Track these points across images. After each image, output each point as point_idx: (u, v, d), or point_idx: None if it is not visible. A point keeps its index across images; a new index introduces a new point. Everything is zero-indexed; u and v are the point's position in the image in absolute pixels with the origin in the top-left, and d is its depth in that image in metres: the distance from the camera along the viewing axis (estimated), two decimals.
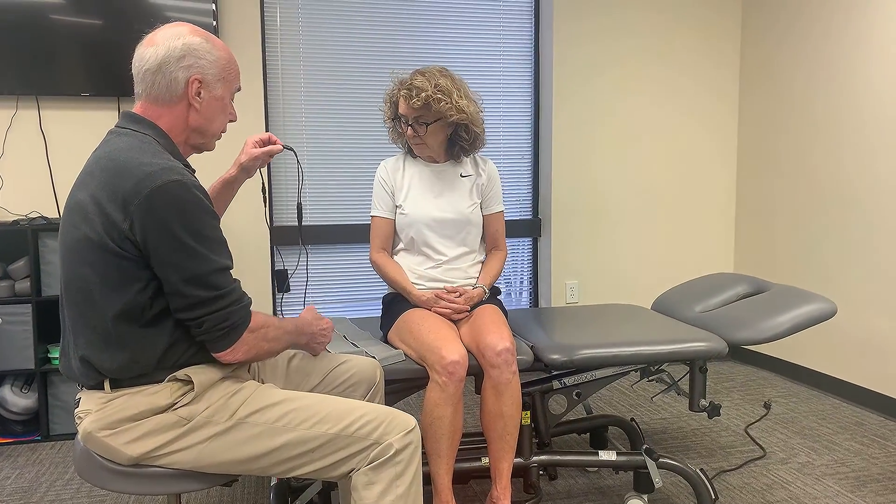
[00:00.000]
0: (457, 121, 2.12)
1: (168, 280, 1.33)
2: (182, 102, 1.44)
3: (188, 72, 1.42)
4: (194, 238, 1.32)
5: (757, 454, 2.68)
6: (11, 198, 3.11)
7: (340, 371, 1.74)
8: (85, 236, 1.32)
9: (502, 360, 1.91)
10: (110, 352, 1.35)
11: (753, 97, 3.88)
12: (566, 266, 3.85)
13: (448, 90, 2.08)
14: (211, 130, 1.50)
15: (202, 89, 1.44)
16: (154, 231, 1.30)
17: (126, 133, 1.41)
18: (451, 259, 2.22)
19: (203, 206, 1.34)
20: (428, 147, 2.17)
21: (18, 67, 2.98)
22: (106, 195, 1.31)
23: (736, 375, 3.73)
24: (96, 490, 2.45)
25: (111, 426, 1.37)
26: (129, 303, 1.33)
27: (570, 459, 2.23)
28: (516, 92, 3.82)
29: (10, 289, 2.88)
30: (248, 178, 1.78)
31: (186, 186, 1.32)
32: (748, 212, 3.95)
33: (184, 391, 1.40)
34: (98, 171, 1.34)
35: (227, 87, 1.49)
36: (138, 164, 1.31)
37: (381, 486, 1.41)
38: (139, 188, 1.29)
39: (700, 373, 2.20)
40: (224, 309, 1.36)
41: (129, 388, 1.38)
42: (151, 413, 1.38)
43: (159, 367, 1.38)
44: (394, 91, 2.18)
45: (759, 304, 2.31)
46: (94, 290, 1.34)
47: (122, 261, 1.32)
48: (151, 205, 1.29)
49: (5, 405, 2.90)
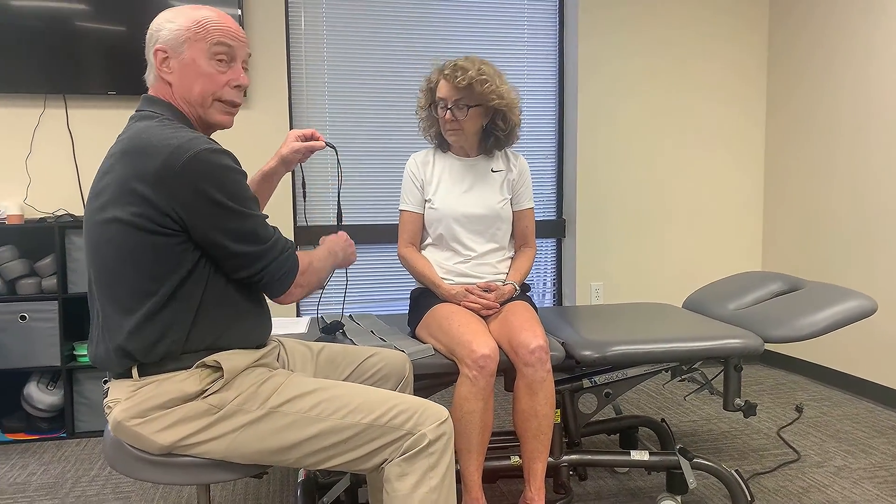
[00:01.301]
0: (497, 106, 2.10)
1: (218, 244, 1.35)
2: (159, 79, 1.45)
3: (152, 48, 1.44)
4: (234, 200, 1.34)
5: (791, 457, 2.61)
6: (39, 196, 3.13)
7: (370, 364, 1.72)
8: (115, 219, 1.32)
9: (536, 358, 1.87)
10: (138, 332, 1.34)
11: (782, 94, 3.82)
12: (591, 267, 3.80)
13: (490, 75, 2.08)
14: (193, 96, 1.43)
15: (169, 58, 1.43)
16: (195, 201, 1.30)
17: (145, 115, 1.42)
18: (480, 255, 2.18)
19: (233, 167, 1.36)
20: (464, 133, 2.14)
21: (46, 68, 3.00)
22: (135, 175, 1.30)
23: (765, 379, 3.66)
24: (122, 486, 2.44)
25: (141, 415, 1.36)
26: (162, 278, 1.33)
27: (602, 459, 2.18)
28: (540, 91, 3.79)
29: (36, 286, 2.89)
30: (287, 171, 1.78)
31: (215, 152, 1.33)
32: (776, 211, 3.88)
33: (213, 378, 1.38)
34: (122, 155, 1.34)
35: (197, 46, 1.42)
36: (163, 140, 1.31)
37: (415, 477, 1.38)
38: (171, 162, 1.29)
39: (735, 371, 2.15)
40: (278, 258, 1.42)
41: (157, 374, 1.37)
42: (181, 401, 1.36)
43: (187, 350, 1.37)
44: (433, 76, 2.16)
45: (795, 301, 2.25)
46: (124, 270, 1.33)
47: (157, 237, 1.31)
48: (187, 176, 1.29)
49: (32, 402, 2.90)
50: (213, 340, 1.40)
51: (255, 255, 1.38)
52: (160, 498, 2.36)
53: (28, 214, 3.09)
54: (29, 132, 3.10)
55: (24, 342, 2.85)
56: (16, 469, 2.62)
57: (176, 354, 1.37)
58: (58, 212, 3.11)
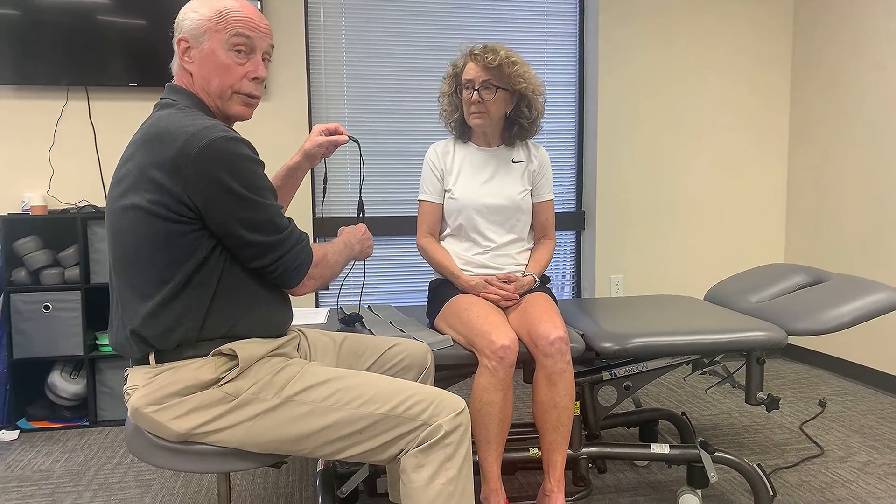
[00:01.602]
0: (523, 91, 2.09)
1: (233, 233, 1.35)
2: (182, 69, 1.46)
3: (176, 38, 1.45)
4: (249, 189, 1.34)
5: (814, 452, 2.58)
6: (61, 187, 3.16)
7: (392, 354, 1.71)
8: (133, 205, 1.33)
9: (556, 350, 1.85)
10: (154, 318, 1.35)
11: (806, 82, 3.75)
12: (611, 260, 3.77)
13: (518, 60, 2.09)
14: (212, 88, 1.44)
15: (191, 48, 1.43)
16: (209, 189, 1.31)
17: (168, 104, 1.43)
18: (500, 246, 2.17)
19: (249, 156, 1.35)
20: (489, 117, 2.12)
21: (69, 60, 3.02)
22: (152, 163, 1.31)
23: (787, 373, 3.62)
24: (143, 474, 2.47)
25: (158, 401, 1.37)
26: (178, 265, 1.34)
27: (622, 452, 2.16)
28: (560, 81, 3.76)
29: (59, 276, 2.93)
30: (312, 166, 1.79)
31: (232, 140, 1.33)
32: (800, 202, 3.82)
33: (228, 366, 1.38)
34: (142, 142, 1.35)
35: (218, 37, 1.41)
36: (180, 128, 1.32)
37: (431, 468, 1.37)
38: (186, 150, 1.29)
39: (758, 364, 2.12)
40: (292, 249, 1.42)
41: (173, 361, 1.38)
42: (197, 388, 1.37)
43: (203, 337, 1.38)
44: (460, 60, 2.15)
45: (819, 293, 2.22)
46: (142, 256, 1.34)
47: (173, 225, 1.32)
48: (202, 164, 1.30)
49: (55, 391, 2.94)
50: (229, 328, 1.40)
51: (270, 246, 1.39)
52: (181, 486, 2.38)
53: (51, 205, 3.13)
54: (52, 124, 3.13)
55: (48, 332, 2.89)
56: (40, 456, 2.65)
57: (192, 342, 1.38)
58: (80, 203, 3.14)
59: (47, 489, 2.37)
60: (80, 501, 2.27)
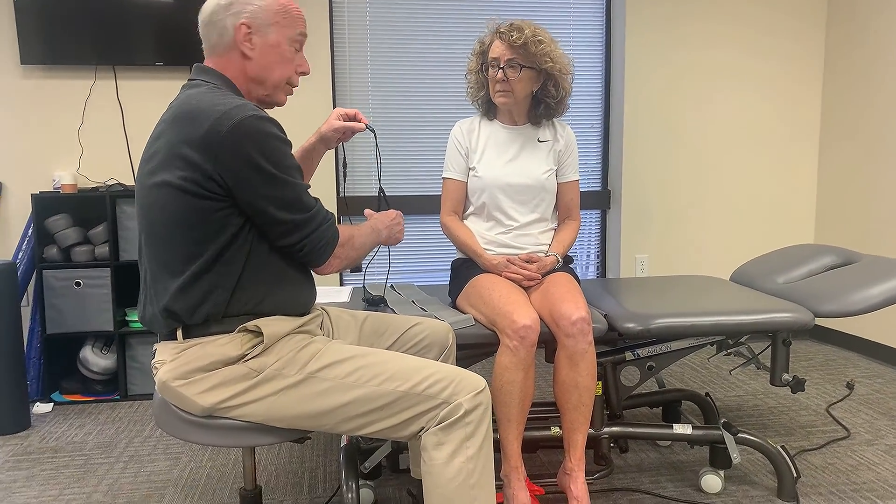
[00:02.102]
0: (549, 70, 2.06)
1: (262, 211, 1.37)
2: (235, 51, 1.45)
3: (236, 18, 1.44)
4: (277, 167, 1.36)
5: (840, 434, 2.55)
6: (91, 165, 3.21)
7: (413, 333, 1.73)
8: (164, 182, 1.35)
9: (578, 330, 1.85)
10: (183, 293, 1.37)
11: (839, 63, 3.66)
12: (636, 239, 3.74)
13: (545, 39, 2.06)
14: (271, 80, 1.48)
15: (253, 35, 1.45)
16: (239, 167, 1.33)
17: (196, 84, 1.45)
18: (523, 225, 2.16)
19: (279, 136, 1.38)
20: (514, 96, 2.10)
21: (96, 39, 3.05)
22: (183, 140, 1.33)
23: (815, 355, 3.57)
24: (172, 447, 2.53)
25: (184, 376, 1.40)
26: (207, 242, 1.36)
27: (644, 432, 2.16)
28: (586, 58, 3.71)
29: (90, 253, 2.98)
30: (327, 149, 1.80)
31: (262, 120, 1.35)
32: (832, 183, 3.75)
33: (253, 343, 1.41)
34: (172, 120, 1.37)
35: (283, 32, 1.47)
36: (211, 106, 1.34)
37: (452, 446, 1.38)
38: (217, 127, 1.31)
39: (783, 346, 2.09)
40: (318, 228, 1.44)
41: (200, 337, 1.40)
42: (222, 364, 1.39)
43: (229, 313, 1.40)
44: (486, 37, 2.13)
45: (848, 275, 2.18)
46: (172, 232, 1.36)
47: (203, 201, 1.34)
48: (232, 142, 1.31)
49: (87, 365, 3.01)
50: (255, 305, 1.42)
51: (297, 224, 1.40)
52: (209, 459, 2.43)
53: (81, 184, 3.18)
54: (80, 103, 3.17)
55: (79, 307, 2.95)
56: (73, 428, 2.73)
57: (218, 317, 1.40)
58: (109, 181, 3.18)
59: (80, 460, 2.43)
60: (112, 473, 2.34)
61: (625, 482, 2.21)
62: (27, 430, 2.71)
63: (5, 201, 3.15)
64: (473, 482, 1.39)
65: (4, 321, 2.62)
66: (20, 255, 3.02)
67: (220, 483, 2.26)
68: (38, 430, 2.71)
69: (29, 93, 3.13)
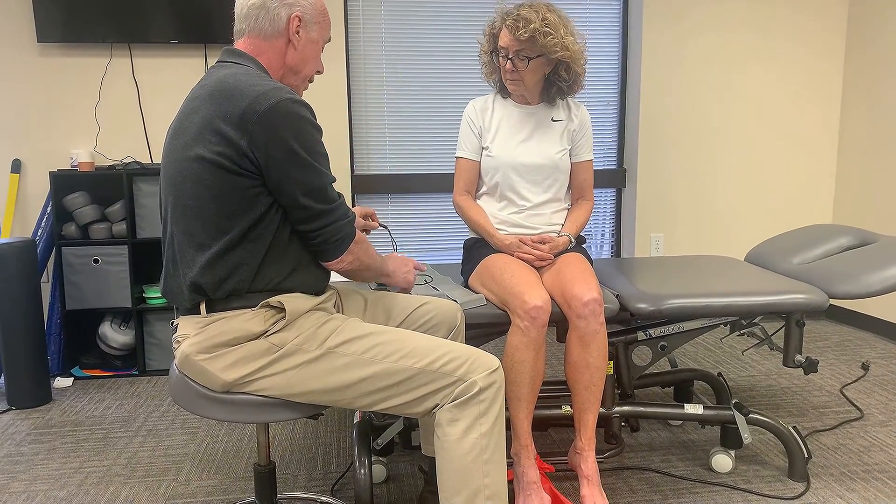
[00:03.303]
0: (559, 58, 2.03)
1: (287, 193, 1.40)
2: (282, 38, 1.51)
3: (290, 9, 1.50)
4: (308, 152, 1.40)
5: (853, 415, 2.55)
6: (107, 143, 3.24)
7: (422, 312, 1.74)
8: (197, 156, 1.37)
9: (589, 311, 1.85)
10: (210, 267, 1.40)
11: (860, 41, 3.59)
12: (651, 218, 3.72)
13: (555, 25, 2.00)
14: (304, 71, 1.57)
15: (301, 28, 1.52)
16: (272, 146, 1.36)
17: (229, 65, 1.48)
18: (535, 206, 2.16)
19: (313, 122, 1.42)
20: (524, 84, 2.09)
21: (111, 17, 3.06)
22: (220, 116, 1.36)
23: (830, 335, 3.55)
24: (189, 422, 2.57)
25: (208, 350, 1.43)
26: (237, 218, 1.39)
27: (655, 411, 2.17)
28: (603, 35, 3.67)
29: (107, 231, 3.02)
30: None
31: (299, 103, 1.39)
32: (851, 163, 3.69)
33: (276, 319, 1.44)
34: (208, 96, 1.39)
35: (321, 32, 1.57)
36: (250, 86, 1.38)
37: (466, 422, 1.41)
38: (255, 106, 1.35)
39: (797, 327, 2.09)
40: (337, 221, 1.47)
41: (223, 312, 1.43)
42: (246, 339, 1.42)
43: (252, 289, 1.43)
44: (496, 22, 2.10)
45: (865, 256, 2.16)
46: (203, 206, 1.39)
47: (236, 177, 1.37)
48: (269, 121, 1.35)
49: (106, 341, 3.07)
50: (278, 283, 1.46)
51: (317, 213, 1.44)
52: (225, 434, 2.48)
53: (98, 162, 3.21)
54: (97, 81, 3.19)
55: (98, 284, 3.00)
56: (93, 403, 2.78)
57: (241, 293, 1.43)
58: (126, 159, 3.21)
59: (100, 434, 2.49)
60: (131, 446, 2.39)
61: (635, 461, 2.23)
62: (48, 405, 2.77)
63: (24, 179, 3.19)
64: (487, 458, 1.42)
65: (25, 297, 2.67)
66: (39, 233, 3.07)
67: (235, 458, 2.30)
68: (58, 405, 2.77)
69: (46, 71, 3.15)
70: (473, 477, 1.41)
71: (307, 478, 2.16)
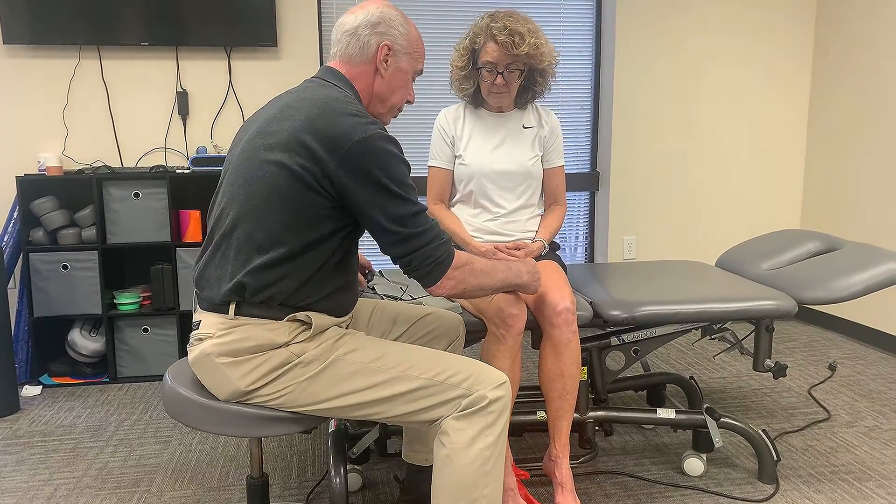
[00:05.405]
0: (545, 67, 2.06)
1: (373, 219, 1.42)
2: (370, 65, 1.54)
3: (381, 38, 1.53)
4: (395, 184, 1.41)
5: (821, 416, 2.60)
6: (76, 147, 3.18)
7: (425, 322, 1.77)
8: (279, 162, 1.39)
9: (562, 320, 1.87)
10: (259, 272, 1.41)
11: (829, 46, 3.66)
12: (624, 221, 3.76)
13: (540, 33, 2.03)
14: (391, 100, 1.59)
15: (390, 57, 1.55)
16: (358, 176, 1.38)
17: (328, 85, 1.51)
18: (510, 212, 2.17)
19: (401, 158, 1.44)
20: (510, 96, 2.11)
21: (81, 18, 3.01)
22: (312, 131, 1.38)
23: (799, 335, 3.62)
24: (161, 431, 2.54)
25: (233, 354, 1.43)
26: (300, 232, 1.40)
27: (628, 416, 2.20)
28: (576, 38, 3.69)
29: (76, 236, 2.97)
30: None
31: (390, 140, 1.42)
32: (819, 168, 3.77)
33: (300, 330, 1.45)
34: (305, 109, 1.41)
35: (412, 63, 1.58)
36: (347, 114, 1.40)
37: (473, 431, 1.43)
38: (350, 135, 1.37)
39: (766, 332, 2.12)
40: (427, 245, 1.45)
41: (251, 318, 1.44)
42: (269, 348, 1.43)
43: (287, 303, 1.44)
44: (479, 38, 2.06)
45: (831, 262, 2.21)
46: (271, 212, 1.40)
47: (312, 194, 1.39)
48: (359, 152, 1.37)
49: (75, 348, 3.02)
50: (311, 303, 1.47)
51: (405, 237, 1.44)
52: (198, 443, 2.45)
53: (66, 166, 3.15)
54: (65, 83, 3.13)
55: (67, 290, 2.95)
56: (62, 412, 2.74)
57: (275, 304, 1.44)
58: (95, 163, 3.16)
59: (70, 444, 2.45)
60: (102, 456, 2.35)
61: (609, 465, 2.25)
62: (16, 414, 2.72)
63: None
64: (488, 469, 1.44)
65: None
66: (6, 238, 3.01)
67: (209, 467, 2.28)
68: (27, 414, 2.72)
69: (12, 73, 3.08)
70: (473, 487, 1.43)
71: (282, 487, 2.15)
